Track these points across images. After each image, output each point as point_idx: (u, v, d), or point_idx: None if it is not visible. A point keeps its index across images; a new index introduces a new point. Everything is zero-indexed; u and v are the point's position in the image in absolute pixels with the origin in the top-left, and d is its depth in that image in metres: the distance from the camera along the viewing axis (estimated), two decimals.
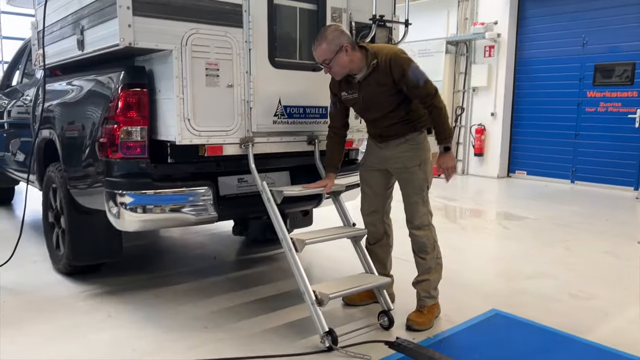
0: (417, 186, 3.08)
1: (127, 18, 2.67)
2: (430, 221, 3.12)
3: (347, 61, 2.91)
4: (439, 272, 3.17)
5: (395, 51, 2.93)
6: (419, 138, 3.07)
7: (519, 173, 9.84)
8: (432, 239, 3.11)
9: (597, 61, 8.64)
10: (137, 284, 3.71)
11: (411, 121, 3.06)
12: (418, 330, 2.98)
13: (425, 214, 3.10)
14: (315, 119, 3.52)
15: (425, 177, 3.09)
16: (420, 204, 3.08)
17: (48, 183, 3.94)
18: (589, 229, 5.72)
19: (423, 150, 3.09)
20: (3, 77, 5.97)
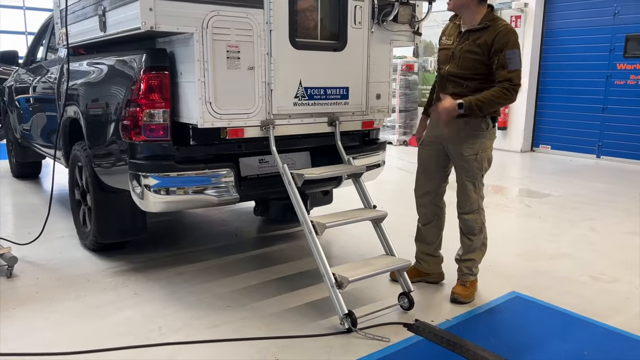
0: (471, 174, 3.10)
1: (148, 1, 2.66)
2: (480, 205, 3.17)
3: (465, 2, 2.95)
4: (483, 252, 3.27)
5: (511, 30, 2.93)
6: (482, 125, 3.03)
7: (543, 147, 9.68)
8: (480, 221, 3.16)
9: (628, 32, 8.35)
10: (161, 261, 3.80)
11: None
12: (463, 303, 3.14)
13: (475, 200, 3.14)
14: (336, 99, 3.48)
15: (481, 166, 3.09)
16: (472, 190, 3.12)
17: (74, 161, 4.02)
18: (614, 207, 5.63)
19: (483, 139, 3.06)
20: (27, 52, 6.03)
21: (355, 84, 3.51)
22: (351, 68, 3.47)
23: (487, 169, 3.15)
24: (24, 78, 5.74)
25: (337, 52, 3.32)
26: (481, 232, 3.18)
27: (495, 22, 2.94)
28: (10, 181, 6.57)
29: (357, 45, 3.46)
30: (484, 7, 2.98)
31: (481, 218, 3.17)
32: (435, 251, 3.43)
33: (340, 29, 3.38)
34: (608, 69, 8.65)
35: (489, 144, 3.10)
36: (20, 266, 3.56)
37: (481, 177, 3.13)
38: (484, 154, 3.08)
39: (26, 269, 3.59)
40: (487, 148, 3.09)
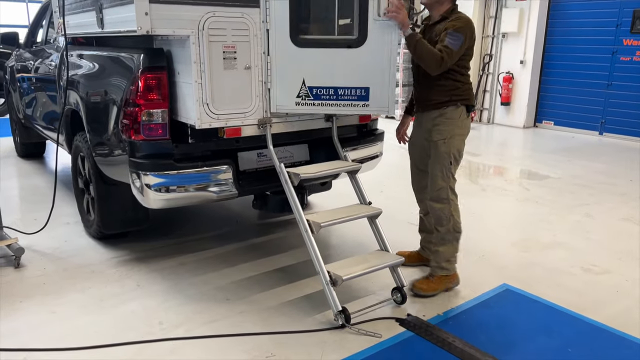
0: (439, 160, 3.19)
1: (144, 6, 2.67)
2: (448, 196, 3.22)
3: None
4: (453, 246, 3.30)
5: (463, 18, 3.05)
6: (454, 113, 3.15)
7: (545, 123, 9.65)
8: (447, 212, 3.22)
9: (636, 7, 8.20)
10: (164, 250, 3.91)
11: (447, 90, 3.11)
12: (420, 296, 3.22)
13: (442, 187, 3.21)
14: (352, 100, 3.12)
15: (449, 151, 3.16)
16: (439, 177, 3.20)
17: (76, 151, 4.09)
18: (612, 191, 5.68)
19: (453, 126, 3.16)
20: (27, 34, 6.02)
21: (377, 83, 3.07)
22: (373, 65, 3.04)
23: (456, 159, 3.21)
24: (25, 59, 5.74)
25: (354, 49, 3.04)
26: (449, 222, 3.23)
27: (452, 14, 3.09)
28: (15, 161, 6.66)
29: (380, 40, 3.00)
30: (450, 3, 3.12)
31: (449, 209, 3.22)
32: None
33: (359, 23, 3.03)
34: (614, 45, 8.54)
35: (459, 132, 3.17)
36: (27, 255, 3.67)
37: (449, 165, 3.18)
38: (452, 140, 3.16)
39: (33, 259, 3.71)
40: (457, 136, 3.17)
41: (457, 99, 3.15)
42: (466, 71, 3.15)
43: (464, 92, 3.16)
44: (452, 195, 3.24)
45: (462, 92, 3.15)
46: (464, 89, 3.15)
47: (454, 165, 3.21)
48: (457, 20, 3.02)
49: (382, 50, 3.02)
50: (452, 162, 3.19)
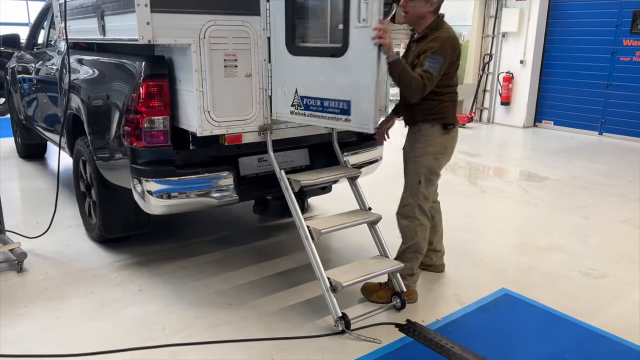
0: (408, 176, 3.19)
1: (145, 15, 2.69)
2: (415, 215, 3.14)
3: (421, 13, 3.01)
4: (412, 264, 3.22)
5: (444, 38, 2.93)
6: (428, 130, 3.09)
7: (545, 123, 9.67)
8: (412, 231, 3.16)
9: (636, 7, 8.21)
10: (165, 253, 3.94)
11: (423, 109, 3.08)
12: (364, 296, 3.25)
13: (409, 204, 3.17)
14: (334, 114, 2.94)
15: (417, 170, 3.12)
16: (408, 194, 3.18)
17: (78, 155, 4.11)
18: (611, 193, 5.71)
19: (425, 144, 3.10)
20: (28, 37, 6.04)
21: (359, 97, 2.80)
22: (355, 77, 2.78)
23: (427, 178, 3.11)
24: (26, 61, 5.76)
25: (337, 58, 2.83)
26: (411, 240, 3.16)
27: (433, 31, 2.98)
28: (16, 162, 6.69)
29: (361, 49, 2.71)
30: (432, 16, 3.02)
31: (415, 228, 3.13)
32: (436, 246, 3.57)
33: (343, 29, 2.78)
34: (614, 45, 8.55)
35: (431, 150, 3.08)
36: (29, 259, 3.70)
37: (417, 185, 3.11)
38: (422, 158, 3.09)
39: (35, 263, 3.74)
40: (428, 155, 3.09)
41: (432, 118, 3.06)
42: (446, 89, 3.04)
43: (440, 110, 3.05)
44: (421, 215, 3.15)
45: (438, 111, 3.06)
46: (440, 108, 3.05)
47: (424, 185, 3.12)
48: (434, 41, 2.91)
49: (364, 61, 2.70)
50: (421, 182, 3.12)
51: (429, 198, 3.18)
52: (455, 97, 3.15)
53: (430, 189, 3.17)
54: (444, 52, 2.89)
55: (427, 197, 3.16)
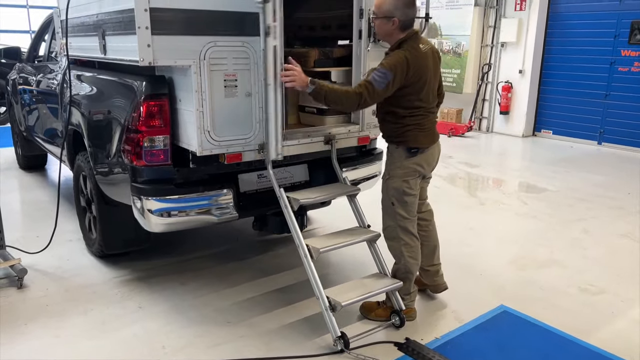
0: (383, 198, 3.20)
1: (146, 38, 2.71)
2: (398, 235, 3.14)
3: (386, 31, 3.01)
4: (405, 284, 3.21)
5: (398, 55, 2.90)
6: (394, 152, 3.12)
7: (544, 132, 9.70)
8: (398, 251, 3.18)
9: (634, 18, 8.24)
10: (165, 269, 3.95)
11: (389, 129, 3.13)
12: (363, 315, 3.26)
13: (389, 226, 3.19)
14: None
15: (387, 191, 3.15)
16: (385, 215, 3.21)
17: (78, 170, 4.13)
18: (610, 205, 5.72)
19: (393, 166, 3.12)
20: (29, 49, 6.07)
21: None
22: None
23: (398, 199, 3.09)
24: (27, 74, 5.78)
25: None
26: (400, 261, 3.18)
27: (395, 49, 2.96)
28: (17, 173, 6.70)
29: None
30: (403, 35, 2.98)
31: (400, 248, 3.14)
32: (427, 265, 3.50)
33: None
34: (612, 55, 8.59)
35: (398, 173, 3.08)
36: (29, 275, 3.71)
37: (392, 206, 3.11)
38: (390, 180, 3.11)
39: (35, 279, 3.75)
40: (395, 177, 3.09)
41: (396, 140, 3.08)
42: (410, 111, 3.00)
43: (402, 134, 3.04)
44: (404, 234, 3.13)
45: (400, 134, 3.05)
46: (402, 131, 3.04)
47: (399, 206, 3.10)
48: (391, 57, 2.89)
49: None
50: (394, 203, 3.11)
51: (410, 216, 3.14)
52: (424, 120, 3.06)
53: (408, 207, 3.11)
54: (394, 69, 2.84)
55: (406, 217, 3.13)
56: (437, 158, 3.28)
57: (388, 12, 2.94)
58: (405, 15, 2.94)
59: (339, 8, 4.12)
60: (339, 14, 4.16)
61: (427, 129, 3.09)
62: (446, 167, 7.31)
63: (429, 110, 3.09)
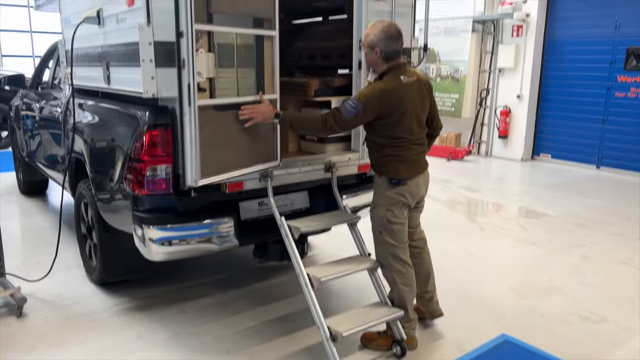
0: (372, 224, 3.23)
1: (150, 70, 2.77)
2: (389, 262, 3.16)
3: (371, 60, 3.11)
4: (404, 313, 3.19)
5: (373, 87, 3.00)
6: (377, 181, 3.18)
7: (543, 156, 9.75)
8: (391, 278, 3.20)
9: (630, 44, 8.38)
10: (165, 296, 3.95)
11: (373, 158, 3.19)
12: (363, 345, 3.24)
13: (380, 253, 3.21)
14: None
15: (373, 220, 3.20)
16: (376, 243, 3.24)
17: (79, 197, 4.15)
18: (609, 231, 5.73)
19: (377, 195, 3.18)
20: (33, 76, 6.14)
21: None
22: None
23: (384, 228, 3.11)
24: (31, 100, 5.85)
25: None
26: (394, 289, 3.19)
27: (377, 80, 3.06)
28: (17, 198, 6.72)
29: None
30: (386, 66, 3.05)
31: (392, 276, 3.16)
32: (421, 292, 3.46)
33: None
34: (609, 81, 8.70)
35: (382, 202, 3.11)
36: (29, 303, 3.70)
37: (380, 234, 3.14)
38: (375, 210, 3.17)
39: (35, 307, 3.74)
40: (380, 206, 3.12)
41: (377, 170, 3.16)
42: (391, 141, 3.03)
43: (383, 164, 3.09)
44: (396, 262, 3.14)
45: (381, 164, 3.11)
46: (383, 161, 3.09)
47: (387, 235, 3.11)
48: (368, 88, 3.01)
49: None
50: (381, 232, 3.13)
51: (399, 244, 3.14)
52: (406, 151, 3.06)
53: (396, 235, 3.12)
54: (366, 101, 2.91)
55: (395, 244, 3.13)
56: (424, 189, 3.25)
57: (372, 43, 3.04)
58: (388, 47, 3.01)
59: (338, 39, 4.20)
60: (339, 45, 4.24)
61: (409, 160, 3.08)
62: (446, 191, 7.35)
63: (413, 142, 3.09)
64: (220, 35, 2.86)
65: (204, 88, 2.80)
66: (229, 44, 2.95)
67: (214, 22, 2.79)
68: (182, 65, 2.66)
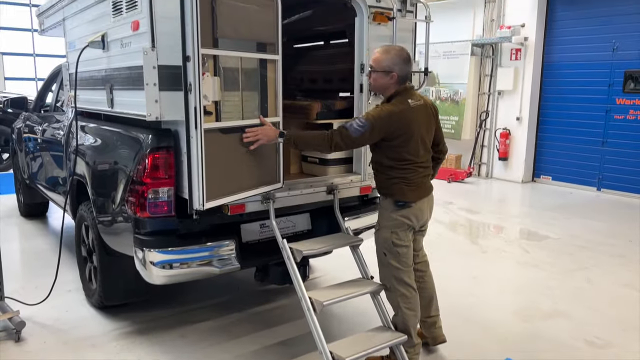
0: (376, 247, 3.20)
1: (154, 94, 2.79)
2: (393, 285, 3.13)
3: (382, 84, 3.10)
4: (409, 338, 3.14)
5: (390, 109, 3.00)
6: (383, 203, 3.18)
7: (544, 178, 9.76)
8: (395, 302, 3.16)
9: (627, 67, 8.45)
10: (165, 320, 3.90)
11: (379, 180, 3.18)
12: None
13: (385, 276, 3.18)
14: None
15: (378, 242, 3.16)
16: (380, 266, 3.20)
17: (80, 220, 4.14)
18: (611, 253, 5.70)
19: (382, 217, 3.16)
20: (36, 99, 6.19)
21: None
22: None
23: (389, 250, 3.09)
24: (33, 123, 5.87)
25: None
26: (397, 313, 3.15)
27: (386, 103, 3.08)
28: (17, 221, 6.70)
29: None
30: (394, 88, 3.08)
31: (396, 300, 3.12)
32: (424, 316, 3.41)
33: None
34: (607, 104, 8.75)
35: (387, 224, 3.09)
36: (28, 327, 3.65)
37: (384, 257, 3.11)
38: (380, 232, 3.14)
39: (34, 331, 3.69)
40: (385, 228, 3.10)
41: (383, 192, 3.15)
42: (398, 163, 3.03)
43: (389, 186, 3.08)
44: (399, 285, 3.11)
45: (387, 186, 3.10)
46: (389, 183, 3.08)
47: (391, 257, 3.09)
48: (376, 110, 3.02)
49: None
50: (386, 254, 3.11)
51: (403, 267, 3.11)
52: (412, 174, 3.06)
53: (400, 258, 3.09)
54: (374, 121, 2.93)
55: (399, 267, 3.10)
56: (429, 212, 3.25)
57: (388, 67, 3.05)
58: (403, 70, 3.07)
59: (340, 62, 4.25)
60: (340, 68, 4.28)
61: (414, 183, 3.08)
62: (447, 213, 7.33)
63: (419, 165, 3.09)
64: (225, 59, 2.89)
65: (210, 111, 2.81)
66: (233, 67, 2.97)
67: (219, 47, 2.82)
68: (188, 89, 2.67)
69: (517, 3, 9.49)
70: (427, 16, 3.86)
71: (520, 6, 9.45)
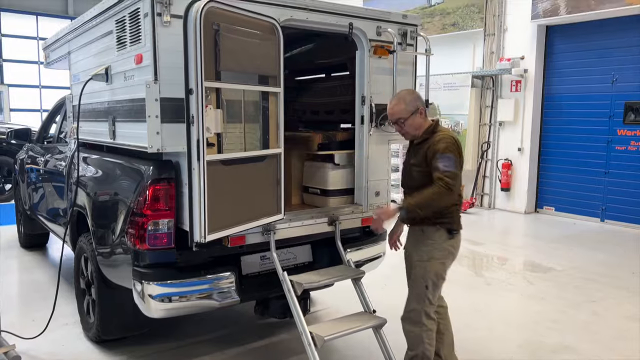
0: (415, 281, 3.10)
1: (155, 126, 2.80)
2: (422, 319, 3.06)
3: (417, 124, 3.09)
4: None
5: (444, 138, 3.00)
6: (435, 235, 3.05)
7: (547, 209, 9.71)
8: (418, 337, 3.07)
9: (627, 99, 8.50)
10: (163, 355, 3.83)
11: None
12: None
13: (415, 309, 3.09)
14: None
15: (425, 275, 3.05)
16: (413, 299, 3.11)
17: (80, 252, 4.11)
18: (616, 285, 5.62)
19: (431, 248, 3.05)
20: (40, 130, 6.24)
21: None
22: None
23: (435, 283, 3.06)
24: (36, 154, 5.90)
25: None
26: (419, 347, 3.06)
27: (433, 135, 3.06)
28: (17, 253, 6.66)
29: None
30: (427, 121, 3.14)
31: (421, 333, 3.04)
32: (439, 353, 3.35)
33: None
34: (609, 134, 8.77)
35: (438, 255, 3.04)
36: None
37: (424, 290, 3.04)
38: (429, 263, 3.05)
39: None
40: (434, 259, 3.04)
41: (437, 221, 3.03)
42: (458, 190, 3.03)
43: (446, 214, 3.03)
44: (428, 320, 3.07)
45: (444, 215, 3.03)
46: (448, 211, 3.03)
47: (432, 290, 3.05)
48: (440, 143, 2.97)
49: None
50: (428, 287, 3.05)
51: (434, 302, 3.10)
52: (461, 200, 3.11)
53: (436, 292, 3.09)
54: (453, 151, 2.96)
55: (432, 302, 3.08)
56: None
57: (413, 108, 3.08)
58: (422, 103, 3.15)
59: (341, 94, 4.28)
60: (342, 100, 4.31)
61: (460, 210, 3.13)
62: None
63: (461, 193, 3.16)
64: (227, 91, 2.91)
65: (212, 143, 2.81)
66: (236, 100, 3.00)
67: (222, 80, 2.84)
68: (191, 122, 2.68)
69: (516, 36, 9.62)
70: (427, 49, 3.90)
71: (519, 39, 9.57)
